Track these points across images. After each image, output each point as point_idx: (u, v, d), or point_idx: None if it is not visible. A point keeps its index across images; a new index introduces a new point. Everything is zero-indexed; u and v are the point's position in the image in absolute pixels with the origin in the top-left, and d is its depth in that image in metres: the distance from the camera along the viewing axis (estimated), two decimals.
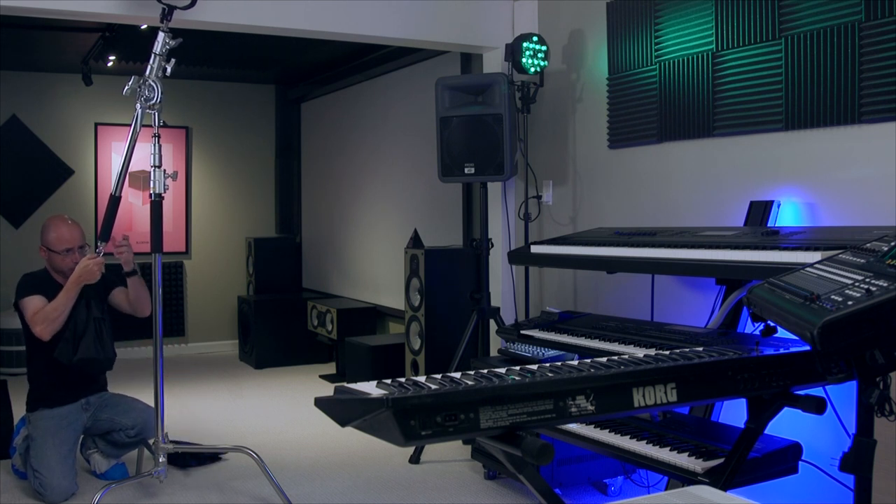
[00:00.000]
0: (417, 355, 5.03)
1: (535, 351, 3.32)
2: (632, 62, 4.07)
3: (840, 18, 3.03)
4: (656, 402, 1.84)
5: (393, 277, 6.36)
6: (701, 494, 1.33)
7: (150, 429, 3.80)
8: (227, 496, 3.79)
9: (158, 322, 3.57)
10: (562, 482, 3.53)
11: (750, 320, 2.39)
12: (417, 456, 4.26)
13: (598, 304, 4.32)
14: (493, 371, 1.83)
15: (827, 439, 2.87)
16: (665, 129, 3.87)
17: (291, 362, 7.09)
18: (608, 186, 4.31)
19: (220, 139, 8.01)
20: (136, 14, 3.96)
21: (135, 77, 3.47)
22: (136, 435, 3.90)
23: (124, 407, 3.95)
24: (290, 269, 7.78)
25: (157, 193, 3.53)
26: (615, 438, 2.55)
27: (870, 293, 1.67)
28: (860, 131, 3.01)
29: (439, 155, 4.31)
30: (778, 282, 2.00)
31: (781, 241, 2.70)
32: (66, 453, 3.77)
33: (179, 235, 7.83)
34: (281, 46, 5.96)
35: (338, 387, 1.72)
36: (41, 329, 3.66)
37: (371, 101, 6.84)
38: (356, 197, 7.13)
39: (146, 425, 3.87)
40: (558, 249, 3.49)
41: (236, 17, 4.22)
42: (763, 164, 3.41)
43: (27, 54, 6.56)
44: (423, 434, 1.57)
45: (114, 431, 3.94)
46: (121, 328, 4.22)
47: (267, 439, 4.71)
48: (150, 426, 3.82)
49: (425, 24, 4.69)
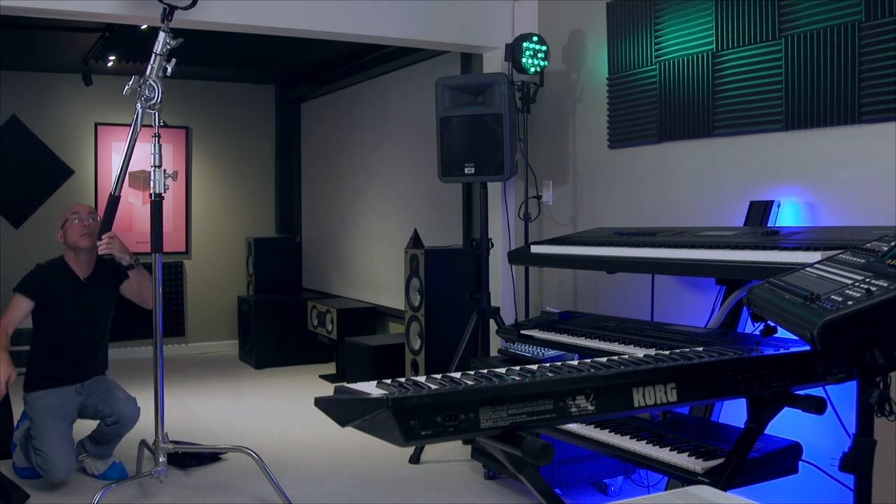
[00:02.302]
0: (417, 355, 5.03)
1: (535, 351, 3.32)
2: (632, 62, 4.07)
3: (840, 18, 3.03)
4: (656, 402, 1.84)
5: (393, 277, 6.36)
6: (701, 494, 1.33)
7: (129, 418, 3.96)
8: (227, 496, 3.79)
9: (158, 322, 3.58)
10: (562, 482, 3.53)
11: (750, 320, 2.39)
12: (417, 456, 4.26)
13: (598, 304, 4.32)
14: (493, 371, 1.83)
15: (827, 439, 2.87)
16: (665, 129, 3.87)
17: (291, 362, 7.09)
18: (608, 186, 4.31)
19: (220, 139, 8.01)
20: (136, 14, 3.96)
21: (135, 77, 3.47)
22: (114, 423, 3.95)
23: (107, 395, 3.99)
24: (290, 269, 7.78)
25: (158, 193, 3.54)
26: (615, 438, 2.55)
27: (870, 293, 1.67)
28: (860, 131, 3.01)
29: (439, 155, 4.31)
30: (778, 282, 2.00)
31: (781, 241, 2.70)
32: (66, 431, 3.87)
33: (179, 235, 7.83)
34: (281, 46, 5.95)
35: (338, 387, 1.72)
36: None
37: (371, 101, 6.84)
38: (356, 197, 7.13)
39: (123, 414, 3.94)
40: (558, 249, 3.49)
41: (236, 17, 4.22)
42: (763, 164, 3.41)
43: (27, 54, 6.56)
44: (423, 434, 1.57)
45: (98, 420, 4.00)
46: (121, 328, 4.23)
47: (267, 439, 4.71)
48: (127, 416, 3.95)
49: (425, 24, 4.69)
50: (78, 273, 3.99)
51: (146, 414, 3.88)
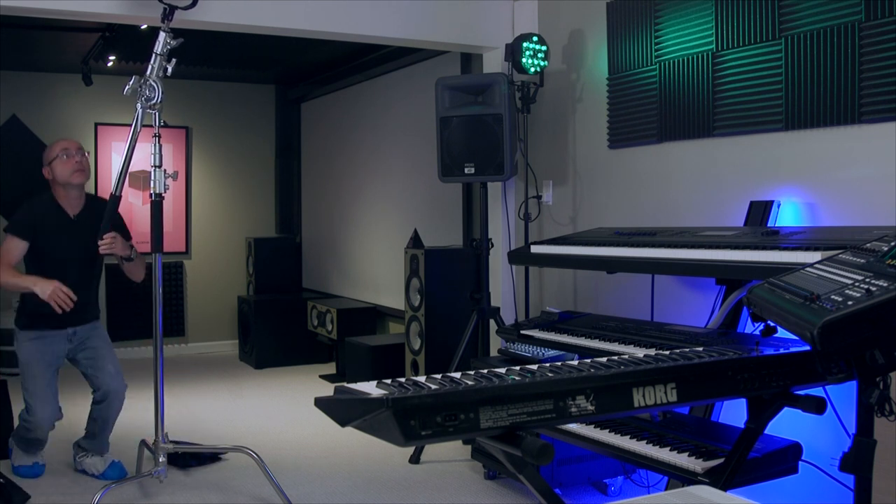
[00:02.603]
0: (417, 355, 5.03)
1: (535, 351, 3.32)
2: (632, 62, 4.07)
3: (840, 18, 3.03)
4: (656, 402, 1.84)
5: (393, 277, 6.36)
6: (701, 494, 1.33)
7: (116, 394, 3.91)
8: (227, 496, 3.79)
9: (158, 322, 3.57)
10: (562, 482, 3.53)
11: (750, 320, 2.39)
12: (417, 456, 4.26)
13: (598, 304, 4.32)
14: (493, 371, 1.83)
15: (827, 439, 2.87)
16: (665, 129, 3.87)
17: (291, 362, 7.09)
18: (608, 186, 4.31)
19: (220, 139, 8.01)
20: (137, 14, 3.96)
21: (136, 77, 3.47)
22: (101, 399, 3.92)
23: (98, 361, 3.96)
24: (290, 269, 7.78)
25: (158, 193, 3.53)
26: (615, 438, 2.55)
27: (870, 293, 1.67)
28: (860, 131, 3.01)
29: (439, 155, 4.31)
30: (778, 282, 2.00)
31: (781, 241, 2.70)
32: (51, 379, 3.88)
33: (179, 235, 7.83)
34: (281, 46, 5.95)
35: (338, 387, 1.72)
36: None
37: (371, 101, 6.84)
38: (356, 197, 7.13)
39: (111, 389, 3.91)
40: (558, 249, 3.49)
41: (236, 17, 4.22)
42: (763, 164, 3.41)
43: (27, 54, 6.56)
44: (423, 434, 1.57)
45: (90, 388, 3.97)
46: (121, 328, 4.22)
47: (267, 439, 4.71)
48: (114, 391, 3.91)
49: (425, 24, 4.69)
50: (68, 211, 3.92)
51: (146, 414, 3.88)
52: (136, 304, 7.36)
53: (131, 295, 7.29)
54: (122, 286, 7.31)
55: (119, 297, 7.39)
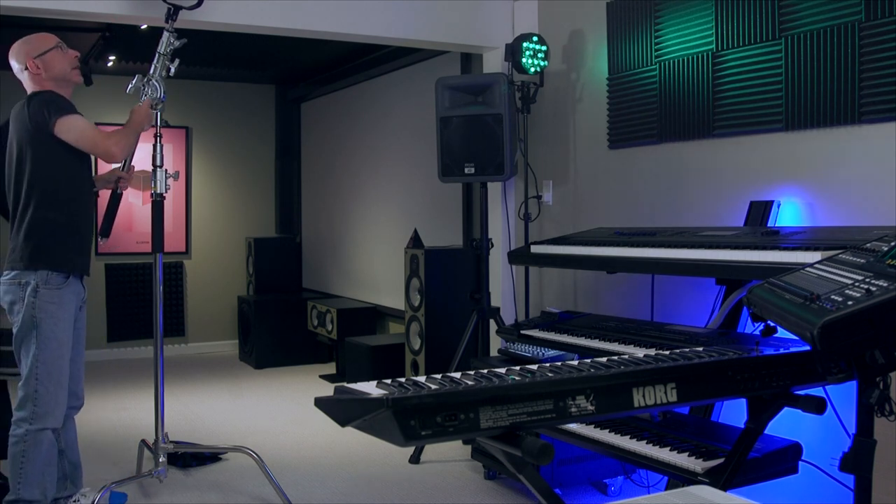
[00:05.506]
0: (417, 355, 5.04)
1: (535, 351, 3.32)
2: (632, 62, 4.07)
3: (840, 18, 3.03)
4: (656, 402, 1.84)
5: (393, 277, 6.36)
6: (701, 494, 1.33)
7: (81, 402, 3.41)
8: (227, 496, 3.79)
9: (159, 322, 3.57)
10: (562, 482, 3.53)
11: (750, 320, 2.39)
12: (417, 456, 4.26)
13: (598, 304, 4.32)
14: (493, 371, 1.83)
15: (827, 439, 2.87)
16: (665, 129, 3.87)
17: (291, 362, 7.09)
18: (608, 186, 4.31)
19: (220, 139, 8.02)
20: (140, 14, 3.96)
21: (138, 76, 3.47)
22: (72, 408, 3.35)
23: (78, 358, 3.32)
24: (290, 269, 7.78)
25: (159, 193, 3.53)
26: (615, 438, 2.55)
27: (870, 293, 1.67)
28: (860, 131, 3.01)
29: (439, 155, 4.31)
30: (778, 282, 2.00)
31: (781, 241, 2.70)
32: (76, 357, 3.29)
33: (179, 235, 7.83)
34: (281, 46, 5.96)
35: (338, 387, 1.72)
36: (118, 149, 3.19)
37: (371, 101, 6.84)
38: (356, 197, 7.13)
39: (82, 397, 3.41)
40: (558, 249, 3.50)
41: (239, 17, 4.22)
42: (763, 164, 3.41)
43: None
44: (423, 434, 1.57)
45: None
46: (121, 328, 4.21)
47: (267, 439, 4.71)
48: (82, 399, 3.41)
49: (425, 24, 4.69)
50: None
51: (146, 414, 3.88)
52: (136, 304, 7.35)
53: (131, 295, 7.29)
54: (122, 286, 7.36)
55: (119, 297, 7.38)
